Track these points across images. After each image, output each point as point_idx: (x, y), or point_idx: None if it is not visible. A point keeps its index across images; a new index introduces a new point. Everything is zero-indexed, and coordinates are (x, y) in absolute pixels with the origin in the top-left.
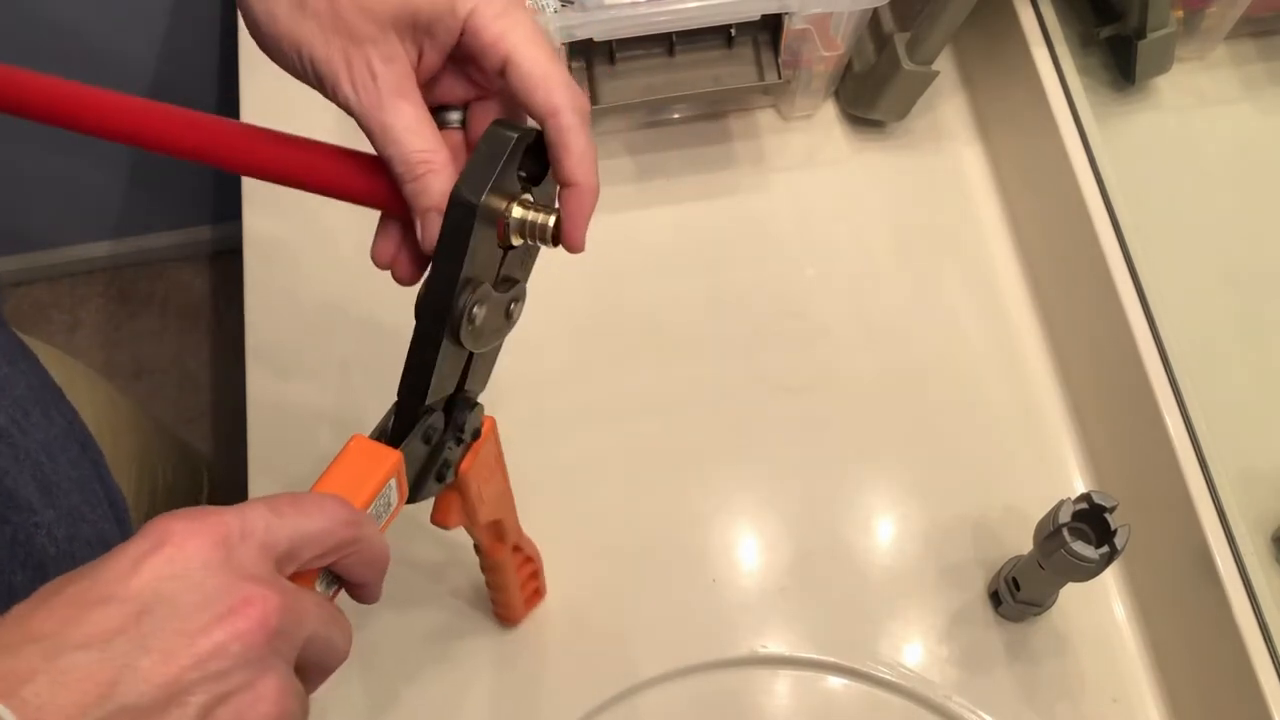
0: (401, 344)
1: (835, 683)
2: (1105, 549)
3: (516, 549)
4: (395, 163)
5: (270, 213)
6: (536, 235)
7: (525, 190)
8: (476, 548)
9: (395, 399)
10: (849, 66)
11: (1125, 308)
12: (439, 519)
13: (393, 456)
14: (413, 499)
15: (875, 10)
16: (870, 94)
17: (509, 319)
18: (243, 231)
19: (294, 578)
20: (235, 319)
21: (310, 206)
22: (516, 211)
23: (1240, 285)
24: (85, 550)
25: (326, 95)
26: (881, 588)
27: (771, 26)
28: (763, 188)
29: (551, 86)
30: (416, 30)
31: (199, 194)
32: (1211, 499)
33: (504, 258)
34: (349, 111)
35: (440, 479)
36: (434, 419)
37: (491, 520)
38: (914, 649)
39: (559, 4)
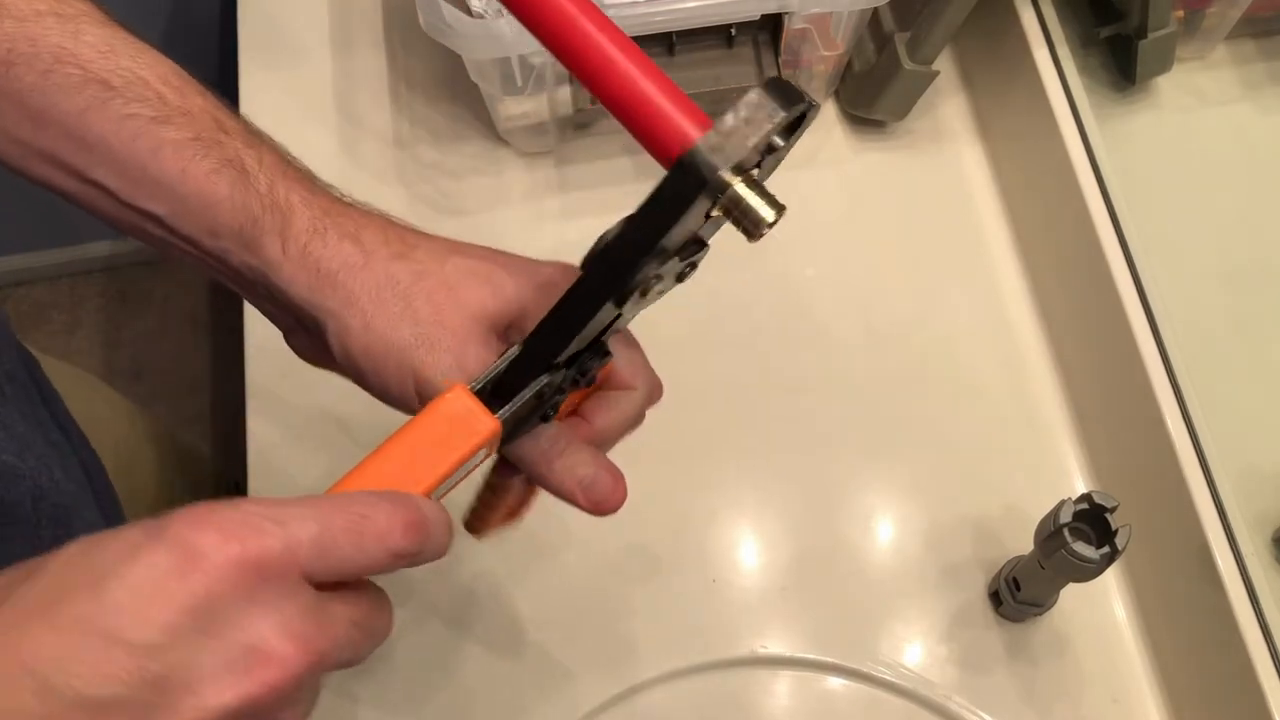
0: None
1: (835, 683)
2: (1106, 549)
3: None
4: None
5: None
6: (743, 222)
7: (757, 165)
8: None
9: (518, 345)
10: (849, 66)
11: (1125, 308)
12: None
13: (486, 428)
14: (504, 444)
15: (875, 10)
16: (870, 94)
17: (679, 280)
18: None
19: None
20: (235, 319)
21: None
22: (740, 189)
23: (1240, 285)
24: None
25: None
26: (881, 588)
27: (771, 26)
28: None
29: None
30: None
31: None
32: (1212, 499)
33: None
34: None
35: (545, 419)
36: (556, 377)
37: None
38: (914, 649)
39: None
